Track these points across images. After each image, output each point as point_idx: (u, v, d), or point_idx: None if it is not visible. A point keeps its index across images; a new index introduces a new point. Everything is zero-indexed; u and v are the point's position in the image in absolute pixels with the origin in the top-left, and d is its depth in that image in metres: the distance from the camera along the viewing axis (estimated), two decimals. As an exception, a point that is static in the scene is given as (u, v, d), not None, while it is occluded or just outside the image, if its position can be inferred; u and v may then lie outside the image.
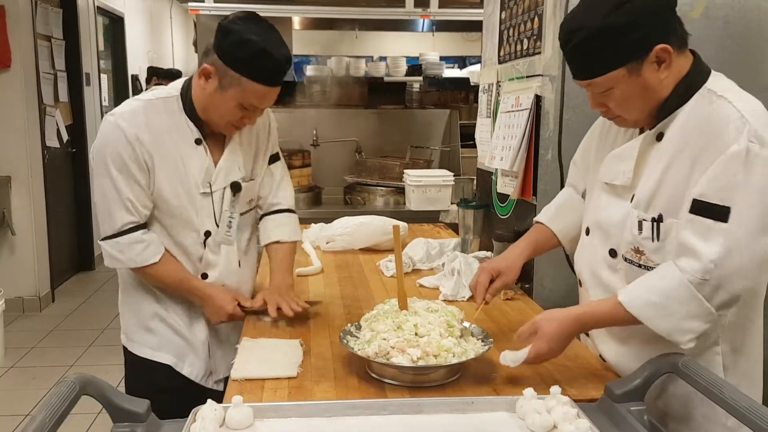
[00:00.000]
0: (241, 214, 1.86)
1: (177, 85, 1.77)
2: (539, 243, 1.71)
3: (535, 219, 1.75)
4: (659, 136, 1.36)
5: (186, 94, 1.73)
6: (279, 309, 1.74)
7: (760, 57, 1.99)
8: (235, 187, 1.81)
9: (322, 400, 1.29)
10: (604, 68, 1.29)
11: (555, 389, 1.22)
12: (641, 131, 1.41)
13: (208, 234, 1.79)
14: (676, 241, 1.31)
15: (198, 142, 1.74)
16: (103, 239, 1.72)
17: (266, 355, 1.51)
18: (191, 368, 1.85)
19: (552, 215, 1.71)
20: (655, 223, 1.33)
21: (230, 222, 1.83)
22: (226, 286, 1.83)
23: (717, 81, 1.34)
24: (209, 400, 1.20)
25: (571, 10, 1.37)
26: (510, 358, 1.38)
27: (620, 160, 1.42)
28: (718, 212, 1.22)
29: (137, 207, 1.69)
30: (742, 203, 1.21)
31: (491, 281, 1.63)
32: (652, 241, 1.34)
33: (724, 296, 1.23)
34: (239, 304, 1.79)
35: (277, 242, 1.93)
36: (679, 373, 1.22)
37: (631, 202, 1.38)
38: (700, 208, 1.24)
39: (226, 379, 1.82)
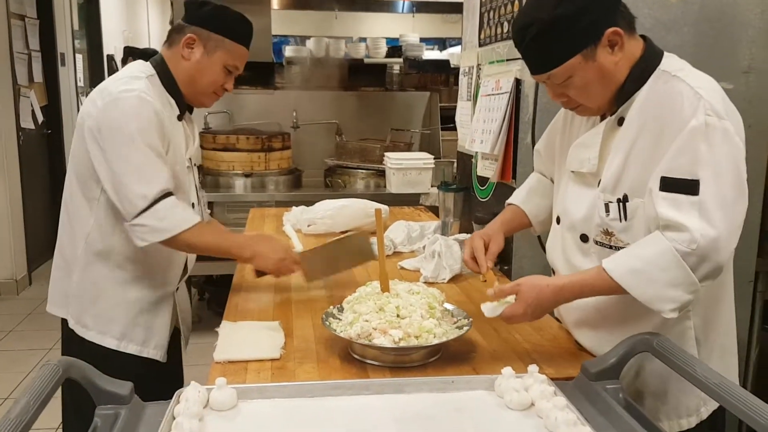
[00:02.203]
0: None
1: (142, 67, 1.76)
2: (513, 222, 1.74)
3: (507, 201, 1.78)
4: (620, 121, 1.39)
5: (163, 70, 1.76)
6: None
7: (736, 40, 2.02)
8: (199, 168, 1.91)
9: (305, 381, 1.31)
10: (560, 58, 1.32)
11: (533, 368, 1.24)
12: (602, 119, 1.44)
13: (193, 205, 1.87)
14: (643, 220, 1.34)
15: (179, 118, 1.79)
16: (136, 216, 1.63)
17: (248, 338, 1.52)
18: (156, 351, 1.83)
19: (524, 197, 1.75)
20: (621, 204, 1.37)
21: (199, 197, 1.95)
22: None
23: (670, 62, 1.37)
24: (192, 382, 1.21)
25: (520, 8, 1.38)
26: (488, 308, 1.42)
27: (585, 147, 1.45)
28: (687, 186, 1.25)
29: (167, 177, 1.67)
30: (709, 175, 1.24)
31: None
32: (620, 221, 1.38)
33: (709, 267, 1.25)
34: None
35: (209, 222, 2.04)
36: (654, 352, 1.25)
37: (598, 186, 1.41)
38: (670, 184, 1.27)
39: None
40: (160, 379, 1.75)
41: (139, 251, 1.73)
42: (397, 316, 1.40)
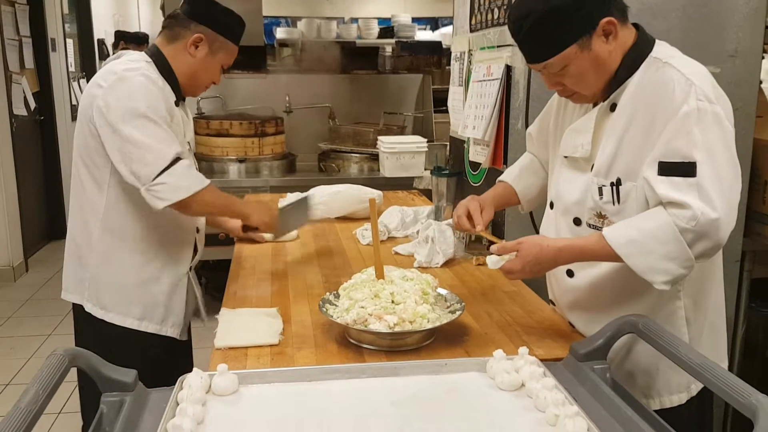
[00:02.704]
0: None
1: (142, 55, 1.81)
2: (503, 198, 1.79)
3: (499, 178, 1.82)
4: (612, 107, 1.42)
5: (160, 60, 1.80)
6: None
7: (722, 25, 2.05)
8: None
9: (304, 365, 1.35)
10: (557, 48, 1.35)
11: (523, 350, 1.29)
12: (594, 105, 1.48)
13: None
14: (636, 203, 1.38)
15: (176, 104, 1.84)
16: (156, 176, 1.68)
17: (247, 324, 1.56)
18: (174, 329, 1.92)
19: (515, 176, 1.79)
20: (614, 187, 1.41)
21: None
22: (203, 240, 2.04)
23: (661, 49, 1.41)
24: (195, 369, 1.25)
25: None
26: (492, 261, 1.49)
27: (578, 133, 1.48)
28: (684, 168, 1.29)
29: (175, 141, 1.74)
30: (704, 158, 1.28)
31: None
32: (613, 204, 1.42)
33: (707, 245, 1.29)
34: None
35: None
36: (639, 333, 1.29)
37: (591, 171, 1.45)
38: (667, 168, 1.30)
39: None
40: (175, 356, 1.93)
41: (153, 231, 1.82)
42: (392, 302, 1.44)
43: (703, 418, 1.53)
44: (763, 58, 2.14)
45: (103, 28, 7.35)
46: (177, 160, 1.71)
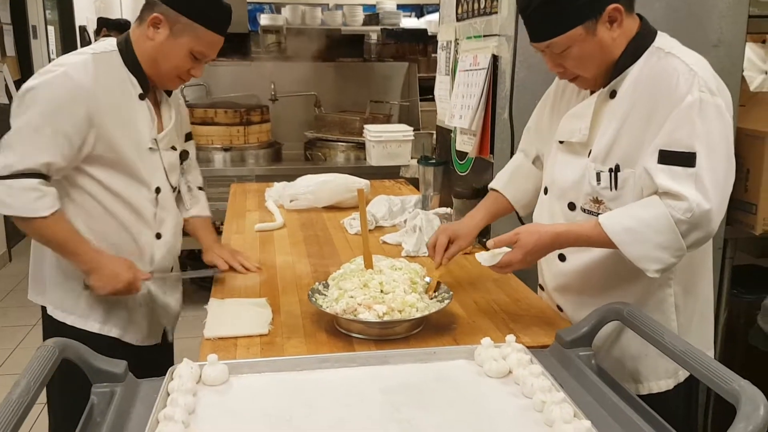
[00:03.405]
0: None
1: (108, 42, 1.73)
2: (496, 212, 1.79)
3: (489, 185, 1.82)
4: (612, 94, 1.44)
5: (126, 48, 1.69)
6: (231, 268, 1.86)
7: (706, 14, 2.07)
8: (183, 156, 1.88)
9: (294, 355, 1.36)
10: (563, 28, 1.37)
11: (510, 338, 1.30)
12: (592, 92, 1.49)
13: (158, 190, 1.78)
14: (633, 190, 1.40)
15: (141, 97, 1.72)
16: None
17: (236, 314, 1.56)
18: (135, 335, 1.84)
19: (505, 182, 1.79)
20: (612, 173, 1.43)
21: (189, 187, 1.92)
22: (172, 247, 1.87)
23: (663, 40, 1.43)
24: (185, 359, 1.25)
25: None
26: (485, 257, 1.48)
27: (576, 118, 1.50)
28: (685, 159, 1.31)
29: (50, 165, 1.58)
30: (704, 148, 1.30)
31: (449, 243, 1.69)
32: (611, 190, 1.44)
33: (699, 235, 1.33)
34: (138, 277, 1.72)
35: (197, 216, 2.00)
36: (624, 320, 1.32)
37: (589, 156, 1.47)
38: (667, 157, 1.33)
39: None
40: (142, 364, 1.57)
41: (100, 239, 1.70)
42: (381, 291, 1.45)
43: (689, 403, 1.57)
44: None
45: (84, 15, 7.26)
46: (28, 175, 1.56)
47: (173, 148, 1.85)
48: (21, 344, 3.73)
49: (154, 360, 1.81)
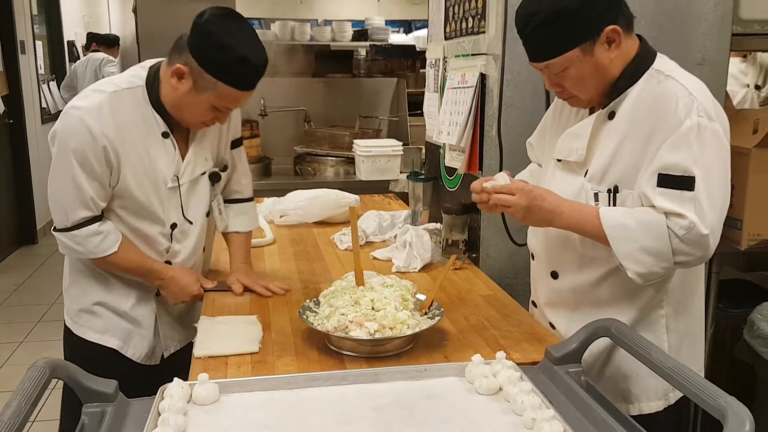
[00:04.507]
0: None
1: (139, 73, 1.71)
2: None
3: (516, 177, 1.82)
4: (611, 115, 1.45)
5: (152, 86, 1.68)
6: (245, 288, 1.84)
7: (691, 32, 2.10)
8: (214, 178, 1.84)
9: (285, 373, 1.36)
10: (560, 50, 1.37)
11: (500, 354, 1.31)
12: (591, 112, 1.51)
13: (174, 226, 1.78)
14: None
15: (165, 135, 1.71)
16: (58, 230, 1.70)
17: (227, 333, 1.56)
18: (135, 350, 1.85)
19: (527, 179, 1.76)
20: (611, 194, 1.44)
21: (220, 210, 1.89)
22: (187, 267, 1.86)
23: (663, 62, 1.44)
24: (176, 378, 1.25)
25: None
26: (498, 176, 1.48)
27: (574, 137, 1.51)
28: (683, 182, 1.32)
29: (96, 203, 1.67)
30: (702, 174, 1.32)
31: None
32: None
33: (691, 255, 1.33)
34: (202, 286, 1.83)
35: (236, 232, 1.96)
36: (613, 337, 1.33)
37: (585, 176, 1.48)
38: (666, 180, 1.34)
39: (162, 355, 1.90)
40: (143, 379, 1.58)
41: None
42: (372, 308, 1.45)
43: (679, 427, 1.57)
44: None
45: (73, 30, 7.27)
46: (85, 223, 1.67)
47: (213, 175, 1.83)
48: (8, 361, 3.70)
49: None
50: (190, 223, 1.82)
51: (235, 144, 1.94)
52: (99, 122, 1.61)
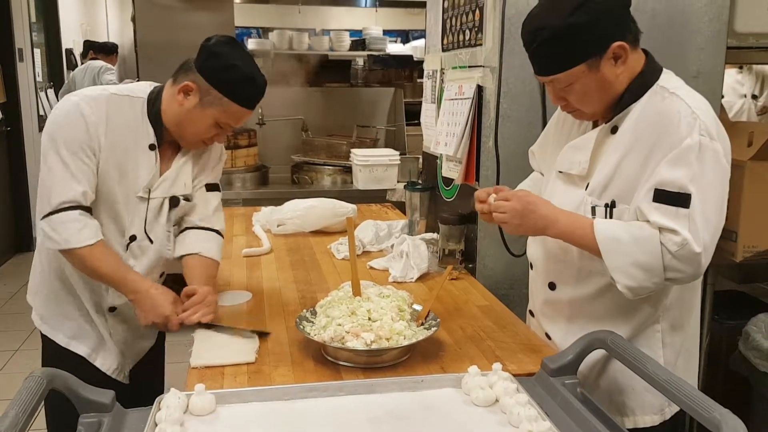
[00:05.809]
0: None
1: (143, 88, 1.76)
2: None
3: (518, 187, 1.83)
4: (614, 129, 1.46)
5: (154, 101, 1.73)
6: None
7: (686, 47, 2.12)
8: (173, 202, 1.79)
9: (281, 384, 1.36)
10: (566, 65, 1.38)
11: (497, 366, 1.32)
12: (594, 125, 1.52)
13: (133, 238, 1.75)
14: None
15: (152, 147, 1.73)
16: (41, 218, 1.64)
17: (223, 343, 1.56)
18: (104, 361, 1.83)
19: (529, 187, 1.77)
20: (608, 209, 1.44)
21: (169, 236, 1.81)
22: None
23: (668, 78, 1.45)
24: (172, 389, 1.25)
25: (532, 9, 1.44)
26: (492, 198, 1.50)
27: (577, 150, 1.51)
28: (680, 199, 1.33)
29: (83, 185, 1.62)
30: (698, 190, 1.32)
31: None
32: None
33: (682, 272, 1.34)
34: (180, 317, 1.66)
35: (198, 254, 1.81)
36: (608, 349, 1.34)
37: (586, 189, 1.49)
38: (663, 196, 1.34)
39: (130, 371, 1.89)
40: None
41: (56, 266, 1.77)
42: (369, 319, 1.46)
43: None
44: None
45: (71, 38, 7.27)
46: (67, 208, 1.61)
47: (173, 199, 1.79)
48: (3, 370, 3.68)
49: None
50: (151, 241, 1.78)
51: (213, 188, 1.91)
52: (93, 113, 1.64)
